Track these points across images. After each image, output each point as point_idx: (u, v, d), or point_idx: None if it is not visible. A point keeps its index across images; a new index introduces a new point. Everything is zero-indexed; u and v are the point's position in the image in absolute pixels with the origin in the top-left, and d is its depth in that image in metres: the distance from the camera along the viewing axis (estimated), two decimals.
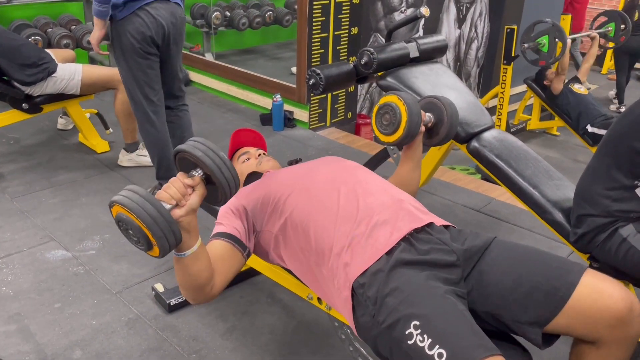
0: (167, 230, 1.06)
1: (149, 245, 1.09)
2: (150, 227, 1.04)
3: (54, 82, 2.85)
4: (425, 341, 1.04)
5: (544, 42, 3.89)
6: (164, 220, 1.06)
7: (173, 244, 1.09)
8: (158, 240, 1.06)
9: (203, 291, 1.23)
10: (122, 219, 1.08)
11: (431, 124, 1.63)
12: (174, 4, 2.35)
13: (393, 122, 1.55)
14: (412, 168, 1.63)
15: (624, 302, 1.10)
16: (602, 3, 8.22)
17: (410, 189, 1.62)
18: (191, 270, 1.17)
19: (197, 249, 1.16)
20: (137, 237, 1.09)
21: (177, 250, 1.15)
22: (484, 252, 1.25)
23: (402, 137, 1.54)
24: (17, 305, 1.92)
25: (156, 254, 1.11)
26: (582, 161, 4.59)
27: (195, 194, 1.13)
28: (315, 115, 3.80)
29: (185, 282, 1.20)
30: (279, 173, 1.49)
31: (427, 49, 2.25)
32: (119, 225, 1.12)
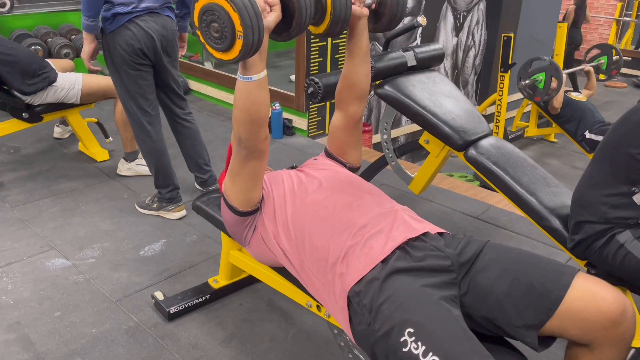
0: (255, 22, 1.05)
1: (232, 40, 1.07)
2: (242, 13, 1.03)
3: (55, 91, 2.87)
4: (419, 348, 1.04)
5: (540, 79, 4.00)
6: (254, 12, 1.05)
7: (257, 41, 1.08)
8: (245, 29, 1.04)
9: (259, 132, 1.25)
10: (211, 7, 1.06)
11: (375, 5, 1.45)
12: (165, 16, 2.37)
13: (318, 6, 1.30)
14: (359, 61, 1.47)
15: (616, 304, 1.11)
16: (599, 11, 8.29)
17: (361, 89, 1.51)
18: (256, 98, 1.19)
19: (264, 76, 1.18)
20: (222, 29, 1.06)
21: (245, 72, 1.16)
22: (477, 257, 1.26)
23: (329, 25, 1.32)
24: (17, 313, 1.93)
25: (234, 54, 1.09)
26: (579, 168, 4.61)
27: (273, 14, 1.15)
28: (314, 123, 3.82)
29: (247, 114, 1.21)
30: (275, 180, 1.50)
31: (425, 57, 2.27)
32: (203, 19, 1.10)
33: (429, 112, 2.09)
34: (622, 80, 7.57)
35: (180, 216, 2.60)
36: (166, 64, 2.45)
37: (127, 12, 2.23)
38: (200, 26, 1.12)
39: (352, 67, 1.49)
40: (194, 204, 1.95)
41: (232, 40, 1.07)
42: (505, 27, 5.03)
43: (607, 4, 8.20)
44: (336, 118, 1.57)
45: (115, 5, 2.22)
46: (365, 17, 1.42)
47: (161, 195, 2.58)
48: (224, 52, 1.11)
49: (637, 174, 1.53)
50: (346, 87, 1.52)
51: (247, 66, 1.17)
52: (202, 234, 2.47)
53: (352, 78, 1.50)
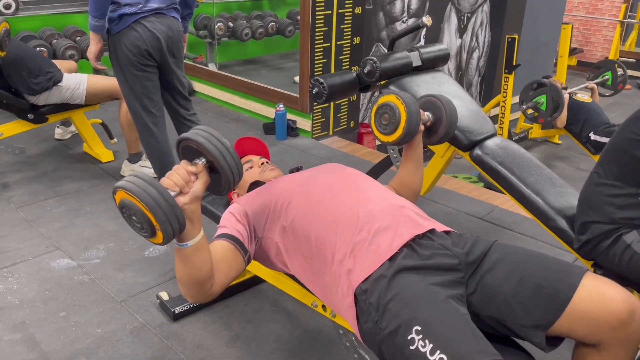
0: (170, 214, 1.05)
1: (152, 231, 1.07)
2: (154, 210, 1.03)
3: (60, 92, 2.87)
4: (426, 346, 1.04)
5: (542, 101, 4.01)
6: (167, 205, 1.05)
7: (177, 229, 1.07)
8: (161, 224, 1.05)
9: (203, 287, 1.21)
10: (126, 204, 1.07)
11: (430, 123, 1.64)
12: (170, 17, 2.38)
13: (392, 121, 1.55)
14: (413, 168, 1.64)
15: (625, 304, 1.10)
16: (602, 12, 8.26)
17: (413, 190, 1.64)
18: (192, 263, 1.16)
19: (200, 240, 1.15)
20: (141, 222, 1.07)
21: (179, 240, 1.13)
22: (484, 256, 1.25)
23: (401, 136, 1.55)
24: (23, 313, 1.93)
25: (159, 241, 1.09)
26: (584, 169, 4.59)
27: (199, 182, 1.13)
28: (318, 124, 3.82)
29: (186, 276, 1.19)
30: (281, 180, 1.50)
31: (430, 57, 2.27)
32: (123, 212, 1.11)
33: None
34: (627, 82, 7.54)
35: None
36: (171, 65, 2.45)
37: (133, 12, 2.24)
38: (124, 217, 1.12)
39: (407, 173, 1.65)
40: None
41: (154, 232, 1.08)
42: (509, 29, 5.02)
43: (611, 5, 8.19)
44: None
45: (122, 6, 2.22)
46: (420, 132, 1.60)
47: None
48: (151, 238, 1.11)
49: None
50: (401, 186, 1.65)
51: (181, 236, 1.14)
52: (207, 234, 2.46)
53: (406, 181, 1.65)
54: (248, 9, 5.89)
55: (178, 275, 1.20)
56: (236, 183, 1.18)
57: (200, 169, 1.14)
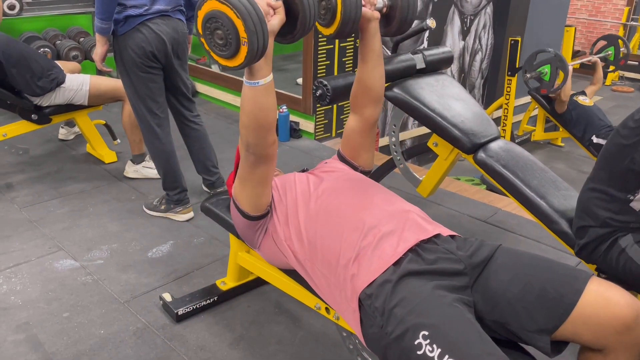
0: (259, 27, 1.05)
1: (237, 47, 1.06)
2: (245, 18, 1.03)
3: (63, 92, 2.88)
4: (434, 351, 1.04)
5: (545, 71, 3.96)
6: (257, 17, 1.05)
7: (261, 46, 1.07)
8: (250, 35, 1.04)
9: (266, 137, 1.25)
10: (215, 15, 1.06)
11: (386, 9, 1.46)
12: (176, 19, 2.38)
13: (329, 7, 1.33)
14: (373, 64, 1.48)
15: (630, 308, 1.10)
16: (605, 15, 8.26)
17: (375, 93, 1.52)
18: (262, 103, 1.18)
19: (271, 80, 1.18)
20: (226, 35, 1.06)
21: (251, 77, 1.16)
22: (489, 260, 1.25)
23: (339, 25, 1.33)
24: (26, 314, 1.93)
25: (240, 60, 1.09)
26: (587, 172, 4.54)
27: (277, 17, 1.15)
28: (321, 126, 3.82)
29: (254, 119, 1.21)
30: (285, 182, 1.50)
31: (433, 60, 2.27)
32: (207, 28, 1.10)
33: (438, 115, 2.08)
34: (629, 84, 7.53)
35: (188, 218, 2.61)
36: (176, 67, 2.46)
37: (139, 14, 2.24)
38: (204, 34, 1.11)
39: (366, 70, 1.49)
40: (202, 205, 1.96)
41: (237, 47, 1.07)
42: (512, 31, 5.02)
43: (614, 8, 8.18)
44: (351, 121, 1.58)
45: (128, 8, 2.23)
46: (376, 20, 1.43)
47: (169, 197, 2.58)
48: (229, 59, 1.11)
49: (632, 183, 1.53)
50: (361, 90, 1.52)
51: (253, 71, 1.16)
52: (210, 235, 2.47)
53: (367, 81, 1.51)
54: None
55: (245, 119, 1.22)
56: (311, 27, 1.18)
57: (279, 5, 1.16)
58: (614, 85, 7.52)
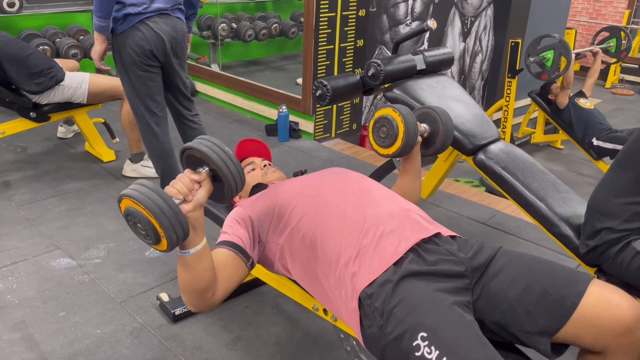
0: (174, 221, 1.07)
1: (157, 239, 1.09)
2: (159, 218, 1.05)
3: (62, 90, 2.87)
4: (432, 353, 1.03)
5: (548, 57, 3.91)
6: (172, 212, 1.07)
7: (181, 236, 1.09)
8: (166, 231, 1.07)
9: (204, 296, 1.22)
10: (131, 212, 1.09)
11: (427, 134, 1.64)
12: (175, 17, 2.37)
13: (390, 134, 1.56)
14: (412, 179, 1.64)
15: (631, 311, 1.10)
16: (606, 18, 8.26)
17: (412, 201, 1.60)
18: (195, 271, 1.17)
19: (202, 248, 1.16)
20: (146, 230, 1.09)
21: (182, 248, 1.15)
22: (490, 262, 1.24)
23: (400, 148, 1.56)
24: (22, 313, 1.92)
25: (164, 248, 1.11)
26: (586, 175, 4.58)
27: (202, 190, 1.15)
28: (321, 127, 3.81)
29: (188, 284, 1.19)
30: (285, 184, 1.49)
31: (434, 61, 2.26)
32: (128, 220, 1.13)
33: None
34: (629, 87, 7.53)
35: None
36: (175, 66, 2.44)
37: (138, 12, 2.23)
38: (128, 224, 1.15)
39: (404, 184, 1.64)
40: None
41: (158, 239, 1.10)
42: (512, 33, 5.01)
43: (614, 11, 8.19)
44: None
45: (127, 6, 2.22)
46: (419, 143, 1.60)
47: None
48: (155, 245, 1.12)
49: None
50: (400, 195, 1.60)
51: (184, 244, 1.14)
52: (208, 235, 2.43)
53: (405, 192, 1.62)
54: (251, 10, 5.89)
55: (180, 283, 1.21)
56: (238, 191, 1.19)
57: (203, 177, 1.15)
58: (614, 88, 7.52)
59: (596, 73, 4.51)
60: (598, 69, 4.53)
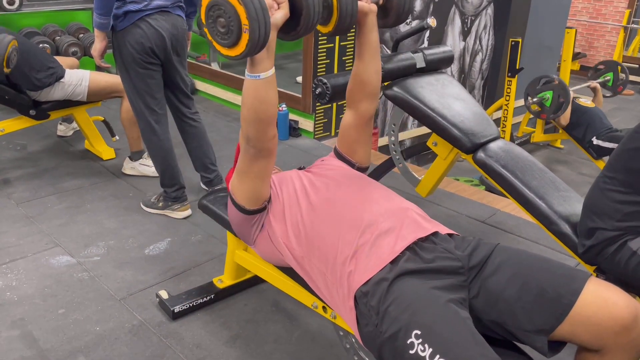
0: (261, 15, 1.05)
1: (238, 35, 1.07)
2: (247, 5, 1.03)
3: (62, 87, 2.87)
4: (426, 351, 1.03)
5: (547, 97, 4.01)
6: (260, 5, 1.05)
7: (263, 35, 1.07)
8: (251, 22, 1.04)
9: (267, 131, 1.24)
10: (218, 3, 1.07)
11: (382, 0, 1.45)
12: (175, 15, 2.37)
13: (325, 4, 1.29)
14: (370, 58, 1.46)
15: (628, 309, 1.10)
16: (606, 17, 8.26)
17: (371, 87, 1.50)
18: (264, 96, 1.18)
19: (273, 73, 1.18)
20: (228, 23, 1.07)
21: (253, 70, 1.15)
22: (487, 259, 1.24)
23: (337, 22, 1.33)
24: (21, 310, 1.92)
25: (242, 48, 1.09)
26: (586, 174, 4.58)
27: (280, 11, 1.15)
28: (320, 125, 3.81)
29: (254, 113, 1.20)
30: (287, 178, 1.49)
31: (434, 59, 2.26)
32: (209, 16, 1.11)
33: (437, 114, 2.08)
34: (629, 87, 7.51)
35: (186, 215, 2.60)
36: (175, 63, 2.44)
37: (138, 10, 2.23)
38: (207, 22, 1.11)
39: (363, 64, 1.48)
40: (200, 202, 1.95)
41: (239, 35, 1.07)
42: (512, 32, 5.01)
43: (615, 10, 8.18)
44: (347, 116, 1.57)
45: (127, 3, 2.22)
46: (373, 13, 1.43)
47: (167, 194, 2.57)
48: (231, 47, 1.11)
49: None
50: (357, 85, 1.51)
51: (255, 63, 1.16)
52: (207, 233, 2.46)
53: (363, 76, 1.49)
54: None
55: (245, 112, 1.22)
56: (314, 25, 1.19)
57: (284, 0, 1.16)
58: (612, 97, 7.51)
59: (600, 104, 4.65)
60: (601, 100, 4.66)
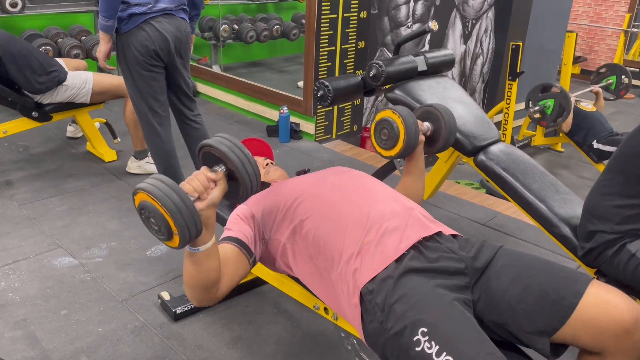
0: (189, 220, 1.06)
1: (169, 235, 1.08)
2: (174, 216, 1.04)
3: (65, 90, 2.88)
4: (432, 348, 1.04)
5: (549, 105, 4.02)
6: (187, 211, 1.06)
7: (194, 234, 1.09)
8: (180, 229, 1.06)
9: (209, 292, 1.23)
10: (146, 207, 1.08)
11: (430, 132, 1.66)
12: (179, 18, 2.38)
13: (392, 136, 1.58)
14: (415, 178, 1.65)
15: (629, 312, 1.10)
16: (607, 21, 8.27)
17: (415, 200, 1.61)
18: (202, 267, 1.17)
19: (212, 245, 1.16)
20: (159, 225, 1.08)
21: (192, 245, 1.15)
22: (490, 261, 1.25)
23: (402, 149, 1.57)
24: (24, 311, 1.93)
25: (175, 245, 1.10)
26: (586, 177, 4.59)
27: (218, 189, 1.15)
28: (322, 128, 3.82)
29: (194, 280, 1.20)
30: (288, 182, 1.50)
31: (435, 62, 2.27)
32: (141, 214, 1.12)
33: None
34: (630, 91, 7.55)
35: None
36: (178, 66, 2.46)
37: (142, 12, 2.24)
38: (141, 218, 1.13)
39: (408, 184, 1.65)
40: None
41: (170, 236, 1.08)
42: (513, 36, 5.02)
43: (615, 14, 8.20)
44: None
45: (132, 6, 2.23)
46: (422, 143, 1.61)
47: None
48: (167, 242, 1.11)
49: None
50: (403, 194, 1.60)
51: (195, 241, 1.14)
52: None
53: (409, 192, 1.62)
54: (253, 12, 5.90)
55: (186, 278, 1.21)
56: (254, 192, 1.20)
57: (220, 177, 1.15)
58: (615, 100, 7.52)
59: (601, 108, 4.63)
60: (602, 105, 4.63)
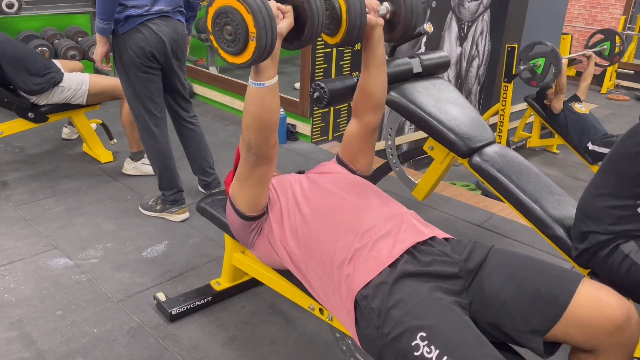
0: (268, 23, 1.06)
1: (244, 43, 1.07)
2: (255, 14, 1.04)
3: (61, 92, 2.88)
4: (432, 352, 1.05)
5: (539, 64, 3.96)
6: (267, 14, 1.06)
7: (269, 43, 1.08)
8: (259, 30, 1.05)
9: (269, 139, 1.26)
10: (225, 11, 1.08)
11: (389, 15, 1.47)
12: (176, 20, 2.39)
13: (333, 16, 1.34)
14: (376, 70, 1.49)
15: (621, 310, 1.11)
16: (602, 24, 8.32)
17: (376, 100, 1.52)
18: (267, 104, 1.19)
19: (276, 82, 1.19)
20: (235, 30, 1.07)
21: (257, 78, 1.17)
22: (483, 262, 1.26)
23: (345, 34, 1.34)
24: (19, 312, 1.93)
25: (248, 56, 1.10)
26: (582, 179, 4.61)
27: (285, 20, 1.17)
28: (318, 129, 3.83)
29: (258, 120, 1.21)
30: (284, 182, 1.51)
31: (430, 64, 2.28)
32: (216, 24, 1.11)
33: (434, 119, 2.10)
34: (624, 93, 7.58)
35: (184, 218, 2.61)
36: (175, 68, 2.46)
37: (139, 14, 2.25)
38: (213, 30, 1.12)
39: (369, 77, 1.51)
40: (198, 205, 1.96)
41: (245, 42, 1.08)
42: (509, 38, 5.04)
43: (610, 17, 8.24)
44: (352, 126, 1.59)
45: (128, 8, 2.23)
46: (380, 26, 1.44)
47: (165, 197, 2.58)
48: (237, 55, 1.11)
49: None
50: (362, 96, 1.53)
51: (259, 71, 1.17)
52: (205, 236, 2.47)
53: (369, 88, 1.52)
54: None
55: (247, 118, 1.23)
56: (318, 34, 1.20)
57: (289, 9, 1.17)
58: (609, 93, 7.56)
59: (590, 76, 4.55)
60: (592, 72, 4.56)
